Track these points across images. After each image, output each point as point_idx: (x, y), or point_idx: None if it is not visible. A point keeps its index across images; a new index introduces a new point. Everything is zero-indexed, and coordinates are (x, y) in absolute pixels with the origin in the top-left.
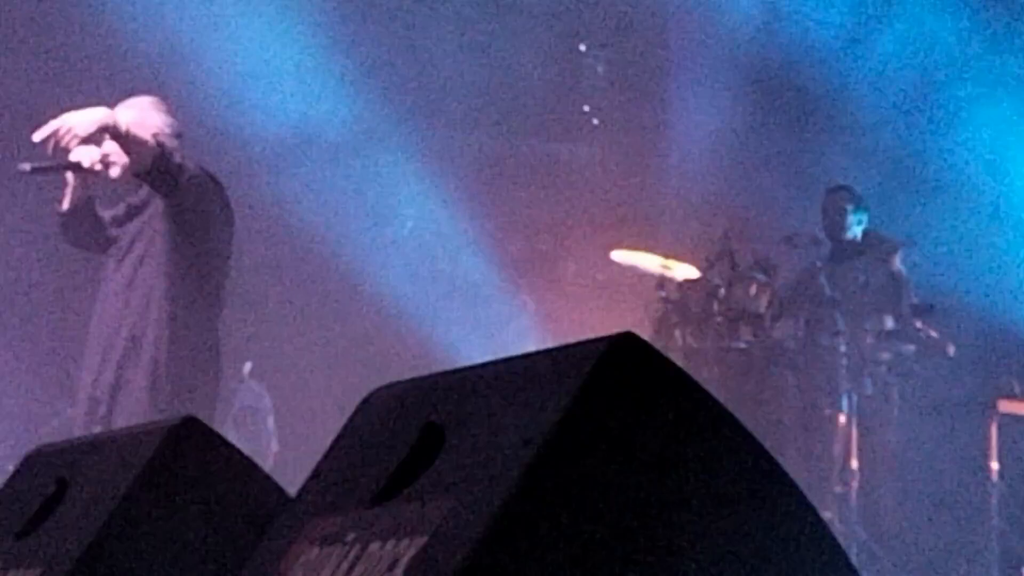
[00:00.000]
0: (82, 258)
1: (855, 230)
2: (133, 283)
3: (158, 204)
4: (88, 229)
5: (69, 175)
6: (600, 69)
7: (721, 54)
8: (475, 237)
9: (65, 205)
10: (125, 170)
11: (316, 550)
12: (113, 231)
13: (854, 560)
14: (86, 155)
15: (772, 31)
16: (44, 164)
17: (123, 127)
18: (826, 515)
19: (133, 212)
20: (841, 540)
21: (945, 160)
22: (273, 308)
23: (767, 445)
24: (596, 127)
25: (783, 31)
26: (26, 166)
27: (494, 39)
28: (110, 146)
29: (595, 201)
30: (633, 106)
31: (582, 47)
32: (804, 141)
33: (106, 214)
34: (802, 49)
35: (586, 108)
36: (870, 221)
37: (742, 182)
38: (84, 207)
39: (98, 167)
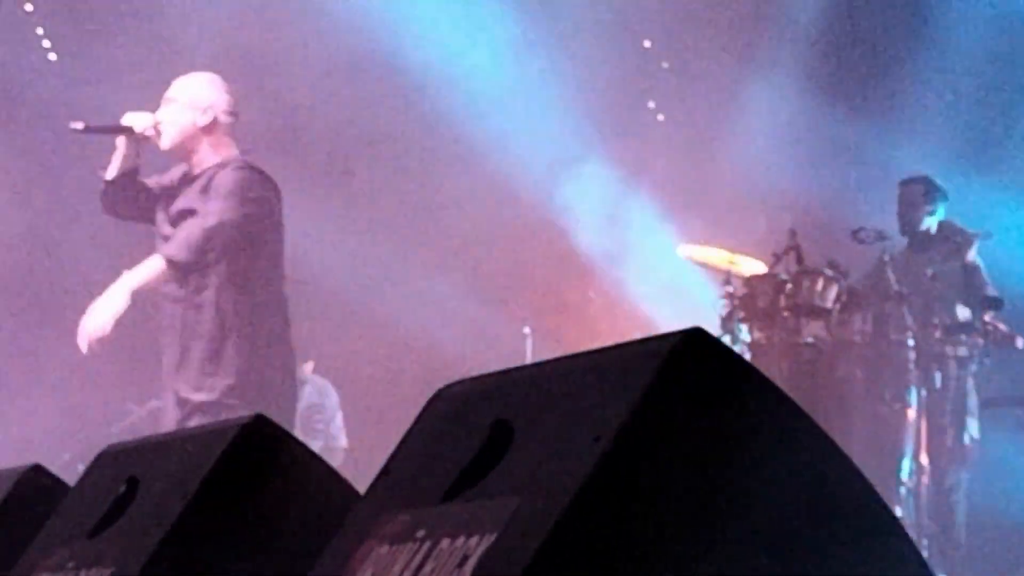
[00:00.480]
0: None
1: (929, 221)
2: (198, 286)
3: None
4: (131, 195)
5: (119, 141)
6: (665, 65)
7: (786, 46)
8: (541, 233)
9: (111, 173)
10: (174, 140)
11: (386, 547)
12: (157, 199)
13: (924, 555)
14: (139, 120)
15: (838, 20)
16: (97, 124)
17: (178, 96)
18: (896, 510)
19: (181, 183)
20: (911, 535)
21: (1020, 147)
22: (336, 305)
23: (835, 440)
24: (661, 123)
25: (848, 19)
26: (79, 125)
27: (558, 37)
28: (163, 114)
29: (661, 197)
30: (698, 101)
31: (647, 43)
32: (873, 132)
33: (151, 182)
34: (869, 36)
35: (651, 104)
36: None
37: (809, 176)
38: (129, 175)
39: (149, 132)
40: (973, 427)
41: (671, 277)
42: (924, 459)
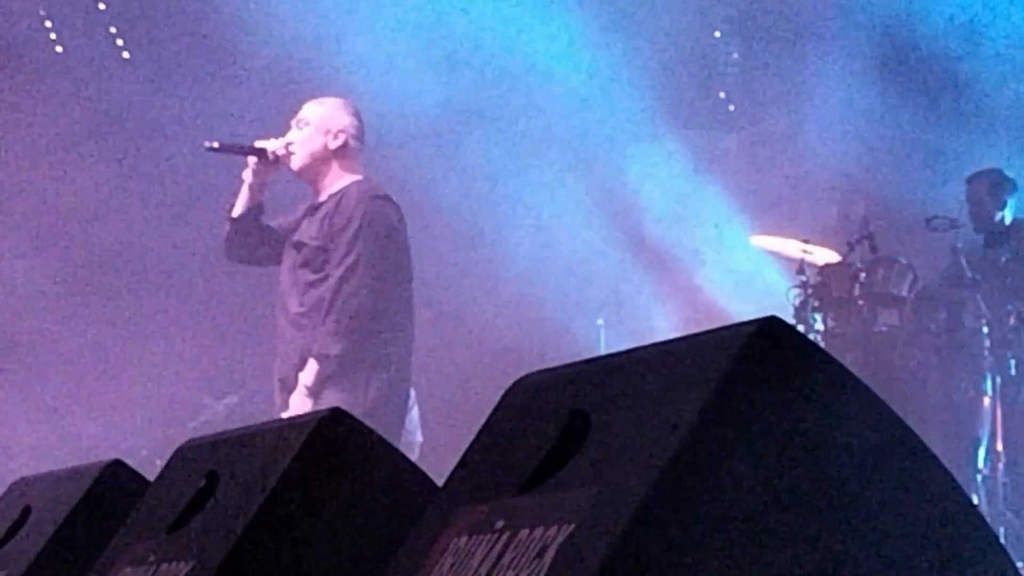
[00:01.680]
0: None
1: (1001, 214)
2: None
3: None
4: (256, 238)
5: (246, 174)
6: (735, 55)
7: (857, 35)
8: (612, 226)
9: (238, 210)
10: (305, 161)
11: (465, 538)
12: (276, 244)
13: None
14: (270, 144)
15: (908, 9)
16: (230, 143)
17: (310, 118)
18: (972, 498)
19: (306, 215)
20: (988, 522)
21: None
22: None
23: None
24: (732, 113)
25: (919, 8)
26: (214, 144)
27: (629, 28)
28: (295, 134)
29: (733, 187)
30: (769, 91)
31: (717, 34)
32: (944, 122)
33: (275, 223)
34: (941, 25)
35: (722, 95)
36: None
37: (881, 164)
38: (255, 211)
39: (281, 152)
40: None
41: (744, 268)
42: (1000, 446)
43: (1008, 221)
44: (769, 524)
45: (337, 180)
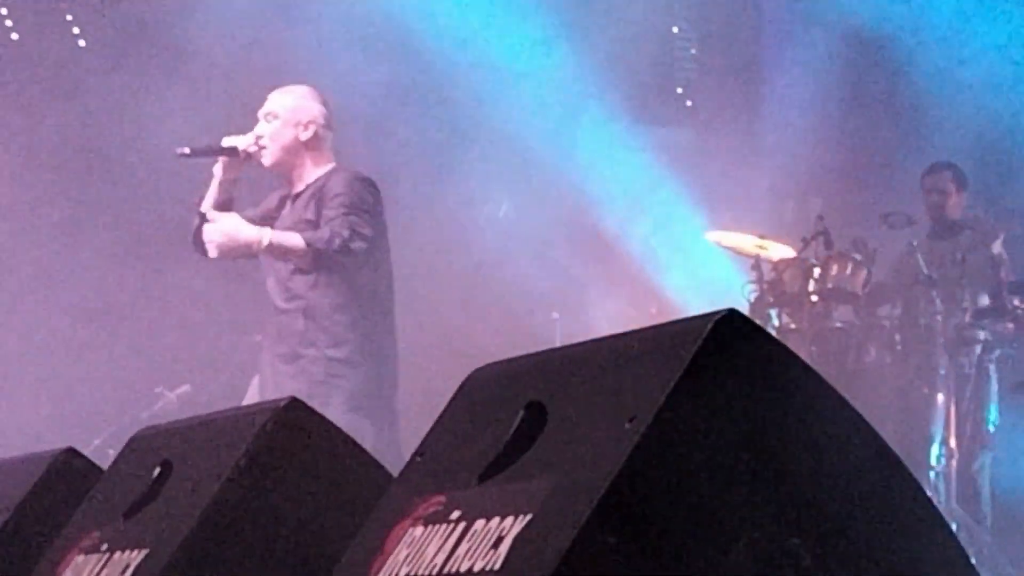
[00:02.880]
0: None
1: (954, 209)
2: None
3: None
4: None
5: (216, 169)
6: (693, 51)
7: (815, 33)
8: (567, 219)
9: (206, 205)
10: (277, 156)
11: (420, 528)
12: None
13: None
14: (240, 140)
15: (866, 8)
16: (200, 147)
17: (278, 111)
18: None
19: (281, 206)
20: None
21: None
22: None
23: None
24: (689, 109)
25: (876, 7)
26: (185, 150)
27: (585, 23)
28: (264, 128)
29: (689, 182)
30: (726, 87)
31: (675, 29)
32: (901, 120)
33: (248, 215)
34: (898, 25)
35: (679, 90)
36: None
37: (837, 162)
38: (225, 206)
39: (252, 150)
40: (996, 412)
41: (700, 263)
42: (953, 443)
43: (960, 217)
44: (726, 516)
45: (313, 169)
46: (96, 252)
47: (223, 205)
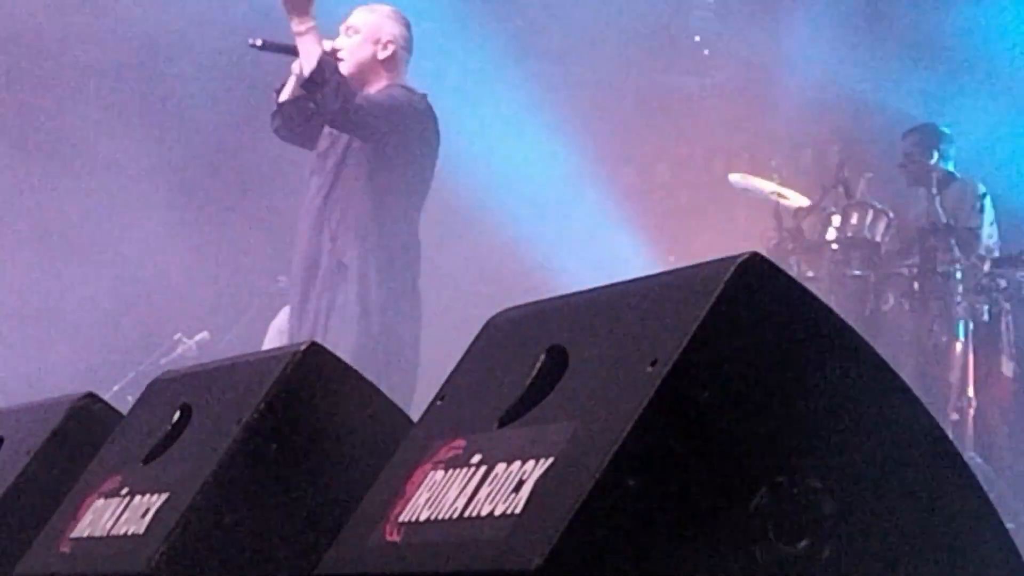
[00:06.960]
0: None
1: (945, 164)
2: (334, 209)
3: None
4: (300, 122)
5: (295, 65)
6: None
7: None
8: (589, 168)
9: (284, 95)
10: (352, 70)
11: (441, 472)
12: (320, 128)
13: None
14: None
15: None
16: (274, 41)
17: (360, 26)
18: None
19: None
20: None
21: None
22: None
23: None
24: (707, 57)
25: None
26: (258, 41)
27: None
28: (343, 41)
29: (708, 131)
30: (744, 36)
31: None
32: (921, 69)
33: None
34: None
35: (697, 39)
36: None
37: (857, 109)
38: (301, 102)
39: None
40: (1017, 360)
41: (720, 209)
42: (971, 391)
43: (952, 171)
44: (748, 460)
45: (384, 90)
46: (114, 199)
47: (298, 101)
